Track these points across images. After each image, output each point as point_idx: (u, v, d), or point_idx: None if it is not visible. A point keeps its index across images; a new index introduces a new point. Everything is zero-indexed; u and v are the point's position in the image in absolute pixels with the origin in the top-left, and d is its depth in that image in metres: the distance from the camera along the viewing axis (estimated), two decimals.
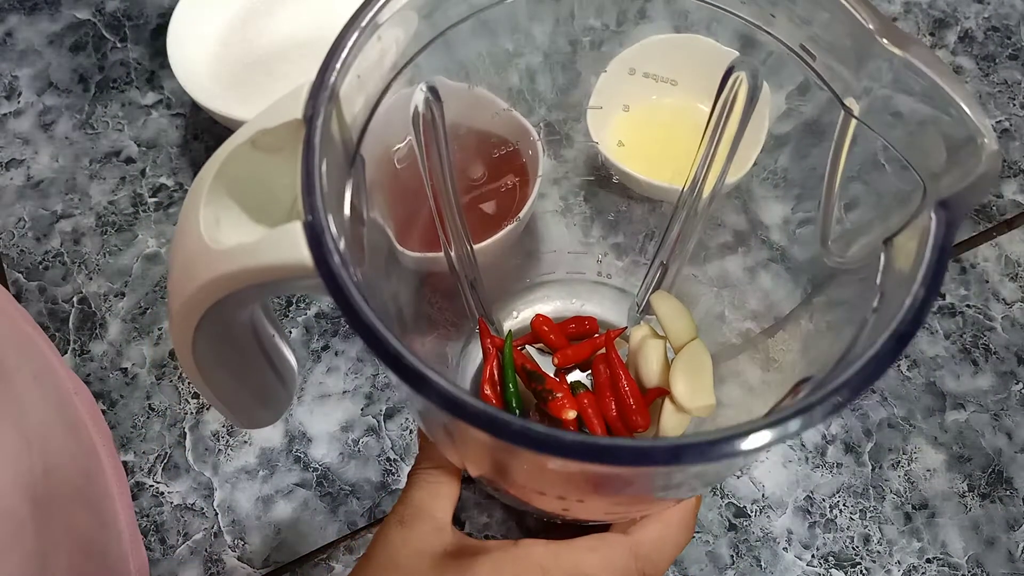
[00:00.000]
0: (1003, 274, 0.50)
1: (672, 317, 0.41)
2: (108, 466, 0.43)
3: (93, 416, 0.45)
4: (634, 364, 0.42)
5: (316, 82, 0.23)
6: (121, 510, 0.43)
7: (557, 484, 0.28)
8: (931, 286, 0.20)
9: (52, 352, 0.47)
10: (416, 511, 0.30)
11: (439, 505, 0.30)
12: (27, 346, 0.44)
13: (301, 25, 0.53)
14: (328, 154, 0.22)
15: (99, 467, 0.43)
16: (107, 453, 0.44)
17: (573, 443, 0.19)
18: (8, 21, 0.59)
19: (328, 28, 0.53)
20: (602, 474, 0.24)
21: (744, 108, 0.32)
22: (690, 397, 0.39)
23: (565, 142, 0.40)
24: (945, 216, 0.21)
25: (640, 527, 0.31)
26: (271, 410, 0.33)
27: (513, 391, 0.40)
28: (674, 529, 0.31)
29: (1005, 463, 0.45)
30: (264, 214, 0.24)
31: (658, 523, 0.31)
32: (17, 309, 0.47)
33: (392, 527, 0.30)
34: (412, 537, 0.29)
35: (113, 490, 0.43)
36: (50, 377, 0.44)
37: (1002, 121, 0.54)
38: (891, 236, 0.24)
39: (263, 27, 0.53)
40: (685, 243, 0.40)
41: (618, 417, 0.40)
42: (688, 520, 0.31)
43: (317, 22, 0.54)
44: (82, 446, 0.42)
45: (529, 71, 0.35)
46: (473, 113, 0.36)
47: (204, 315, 0.24)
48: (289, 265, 0.21)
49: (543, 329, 0.43)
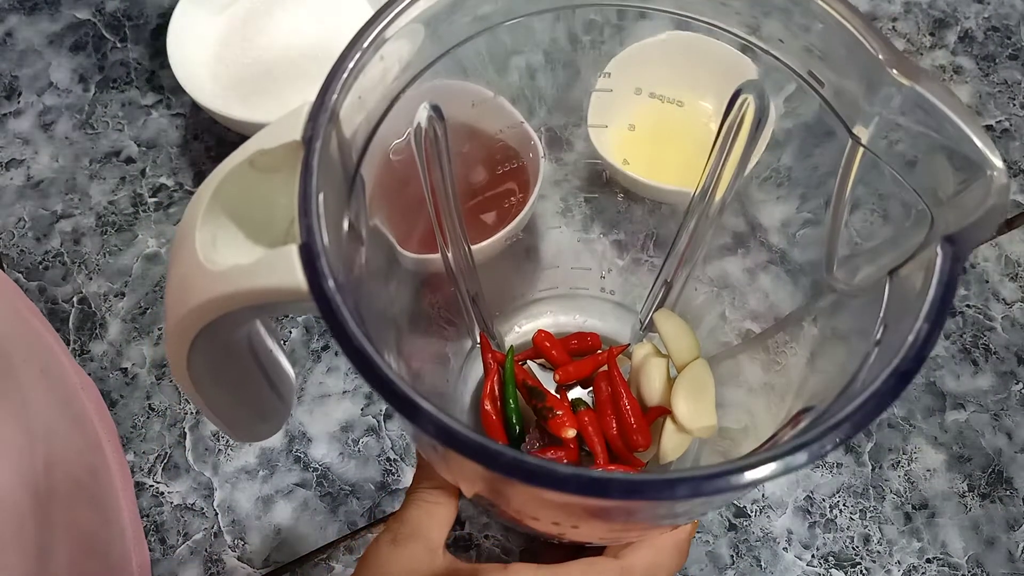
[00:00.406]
0: (1003, 274, 0.50)
1: (675, 336, 0.41)
2: (113, 462, 0.43)
3: (99, 412, 0.45)
4: (636, 382, 0.42)
5: (316, 103, 0.23)
6: (125, 507, 0.43)
7: (551, 511, 0.27)
8: (935, 322, 0.20)
9: (60, 347, 0.47)
10: (410, 531, 0.30)
11: (434, 525, 0.30)
12: (35, 341, 0.44)
13: (301, 25, 0.53)
14: (327, 175, 0.22)
15: (104, 463, 0.43)
16: (112, 449, 0.44)
17: (565, 476, 0.18)
18: (8, 21, 0.59)
19: (329, 28, 0.53)
20: (597, 504, 0.24)
21: (751, 131, 0.32)
22: (692, 418, 0.39)
23: (566, 146, 0.40)
24: (952, 251, 0.21)
25: (632, 551, 0.30)
26: (269, 424, 0.33)
27: (513, 407, 0.40)
28: (667, 554, 0.30)
29: (1005, 463, 0.45)
30: (262, 234, 0.24)
31: (651, 548, 0.30)
32: (26, 304, 0.47)
33: (384, 545, 0.29)
34: (403, 556, 0.29)
35: (117, 486, 0.43)
36: (57, 372, 0.44)
37: (1002, 121, 0.54)
38: (897, 267, 0.24)
39: (263, 27, 0.53)
40: (689, 262, 0.40)
41: (619, 436, 0.40)
42: (682, 546, 0.31)
43: (318, 22, 0.53)
44: (87, 442, 0.42)
45: (529, 69, 0.35)
46: (483, 123, 0.36)
47: (199, 334, 0.24)
48: (284, 289, 0.21)
49: (545, 345, 0.43)
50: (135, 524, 0.43)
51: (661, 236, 0.42)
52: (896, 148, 0.24)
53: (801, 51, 0.27)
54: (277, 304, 0.22)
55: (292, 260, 0.21)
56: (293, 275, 0.21)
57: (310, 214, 0.21)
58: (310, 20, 0.53)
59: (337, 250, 0.22)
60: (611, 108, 0.38)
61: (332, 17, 0.53)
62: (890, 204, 0.26)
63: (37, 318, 0.47)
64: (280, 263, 0.21)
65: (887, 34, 0.57)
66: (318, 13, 0.54)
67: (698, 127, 0.35)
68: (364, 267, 0.26)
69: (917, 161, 0.23)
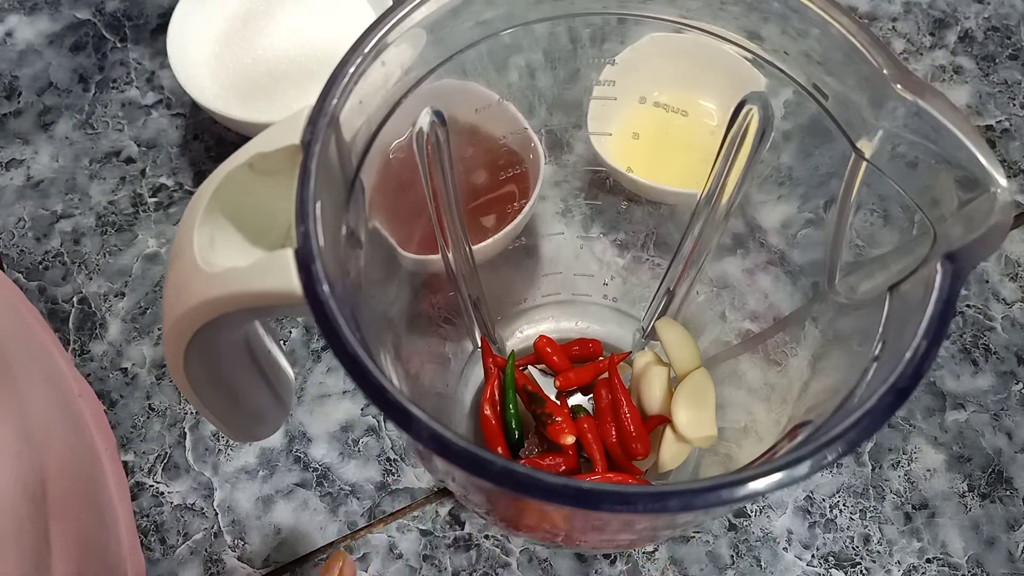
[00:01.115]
0: (1003, 274, 0.50)
1: (677, 345, 0.41)
2: (109, 470, 0.43)
3: (96, 419, 0.45)
4: (637, 390, 0.42)
5: (316, 108, 0.23)
6: (121, 515, 0.42)
7: (546, 520, 0.27)
8: (934, 339, 0.20)
9: (59, 352, 0.47)
10: None
11: None
12: (34, 345, 0.44)
13: (301, 25, 0.53)
14: (326, 180, 0.22)
15: (100, 471, 0.43)
16: (108, 457, 0.44)
17: (557, 487, 0.18)
18: (8, 21, 0.59)
19: (330, 27, 0.52)
20: (593, 515, 0.24)
21: (755, 142, 0.32)
22: (691, 427, 0.39)
23: (566, 148, 0.40)
24: (952, 269, 0.21)
25: None
26: (267, 424, 0.33)
27: (513, 412, 0.40)
28: None
29: (1005, 463, 0.45)
30: (260, 236, 0.24)
31: None
32: (27, 307, 0.47)
33: None
34: None
35: (113, 494, 0.43)
36: (56, 378, 0.44)
37: (1002, 121, 0.54)
38: (897, 283, 0.23)
39: (263, 27, 0.53)
40: (692, 269, 0.40)
41: (618, 444, 0.40)
42: None
43: (317, 22, 0.53)
44: (84, 448, 0.42)
45: (529, 68, 0.35)
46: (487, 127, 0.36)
47: (195, 335, 0.24)
48: (279, 292, 0.21)
49: (546, 350, 0.43)
50: (131, 533, 0.43)
51: (662, 235, 0.42)
52: (899, 163, 0.24)
53: (804, 63, 0.27)
54: (273, 307, 0.23)
55: (288, 264, 0.21)
56: (288, 279, 0.21)
57: (307, 218, 0.21)
58: (310, 20, 0.53)
59: (334, 254, 0.22)
60: (614, 116, 0.38)
61: (332, 17, 0.53)
62: (892, 220, 0.26)
63: (38, 322, 0.47)
64: (276, 267, 0.21)
65: (887, 34, 0.57)
66: (318, 13, 0.54)
67: (702, 136, 0.35)
68: (362, 270, 0.26)
69: (921, 177, 0.23)
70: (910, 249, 0.24)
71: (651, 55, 0.34)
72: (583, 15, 0.30)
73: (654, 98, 0.36)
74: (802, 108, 0.29)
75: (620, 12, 0.30)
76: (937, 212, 0.23)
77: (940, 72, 0.56)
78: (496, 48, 0.30)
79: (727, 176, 0.35)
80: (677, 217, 0.40)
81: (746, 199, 0.36)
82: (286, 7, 0.54)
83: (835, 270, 0.29)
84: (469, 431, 0.43)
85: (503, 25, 0.29)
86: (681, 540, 0.43)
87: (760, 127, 0.32)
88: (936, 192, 0.23)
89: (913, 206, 0.24)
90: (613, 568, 0.42)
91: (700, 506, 0.18)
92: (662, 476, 0.40)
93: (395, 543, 0.43)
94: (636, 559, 0.42)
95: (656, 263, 0.43)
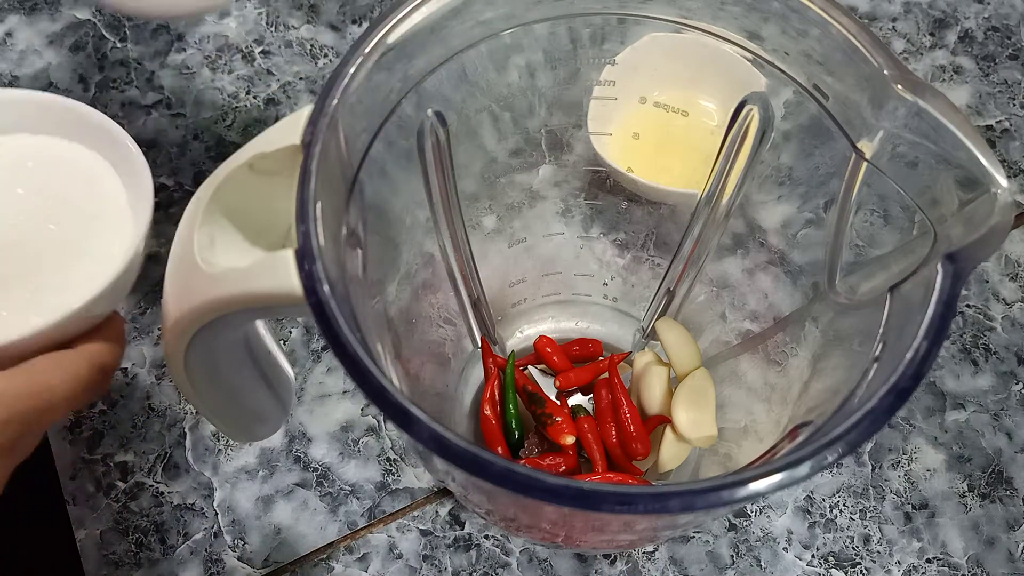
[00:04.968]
0: (1003, 274, 0.50)
1: (677, 345, 0.41)
2: None
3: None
4: (637, 390, 0.42)
5: (316, 108, 0.23)
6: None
7: (546, 519, 0.27)
8: (934, 340, 0.20)
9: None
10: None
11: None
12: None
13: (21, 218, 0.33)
14: (326, 180, 0.22)
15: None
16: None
17: (557, 487, 0.18)
18: (8, 21, 0.59)
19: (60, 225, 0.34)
20: (594, 516, 0.24)
21: (755, 142, 0.32)
22: (691, 427, 0.39)
23: (566, 148, 0.40)
24: (953, 269, 0.21)
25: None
26: (267, 424, 0.32)
27: (513, 412, 0.40)
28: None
29: (1005, 463, 0.45)
30: (261, 237, 0.24)
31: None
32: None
33: None
34: None
35: None
36: None
37: (1002, 121, 0.54)
38: (897, 284, 0.23)
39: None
40: (692, 269, 0.40)
41: (618, 444, 0.40)
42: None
43: (43, 214, 0.33)
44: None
45: (529, 67, 0.35)
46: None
47: (196, 334, 0.24)
48: (279, 293, 0.21)
49: (546, 350, 0.43)
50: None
51: (662, 235, 0.42)
52: (900, 163, 0.24)
53: (805, 63, 0.27)
54: (273, 307, 0.23)
55: (288, 264, 0.21)
56: (288, 279, 0.21)
57: (307, 218, 0.21)
58: (35, 210, 0.34)
59: (334, 254, 0.22)
60: (614, 116, 0.38)
61: (65, 211, 0.34)
62: (892, 220, 0.26)
63: None
64: (276, 267, 0.21)
65: (887, 34, 0.57)
66: (49, 204, 0.34)
67: (703, 136, 0.35)
68: (363, 270, 0.26)
69: (921, 177, 0.23)
70: (910, 249, 0.24)
71: (651, 55, 0.34)
72: (583, 15, 0.30)
73: (654, 98, 0.36)
74: (802, 108, 0.28)
75: (620, 12, 0.30)
76: (937, 212, 0.23)
77: (940, 72, 0.56)
78: (496, 48, 0.30)
79: (727, 176, 0.35)
80: (677, 217, 0.40)
81: (746, 199, 0.36)
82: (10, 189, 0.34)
83: (835, 270, 0.29)
84: (469, 431, 0.43)
85: (503, 25, 0.29)
86: (681, 540, 0.43)
87: (760, 127, 0.32)
88: (936, 192, 0.23)
89: (913, 206, 0.24)
90: (613, 568, 0.42)
91: (700, 506, 0.18)
92: (662, 476, 0.40)
93: (395, 543, 0.43)
94: (636, 559, 0.42)
95: (656, 263, 0.43)
